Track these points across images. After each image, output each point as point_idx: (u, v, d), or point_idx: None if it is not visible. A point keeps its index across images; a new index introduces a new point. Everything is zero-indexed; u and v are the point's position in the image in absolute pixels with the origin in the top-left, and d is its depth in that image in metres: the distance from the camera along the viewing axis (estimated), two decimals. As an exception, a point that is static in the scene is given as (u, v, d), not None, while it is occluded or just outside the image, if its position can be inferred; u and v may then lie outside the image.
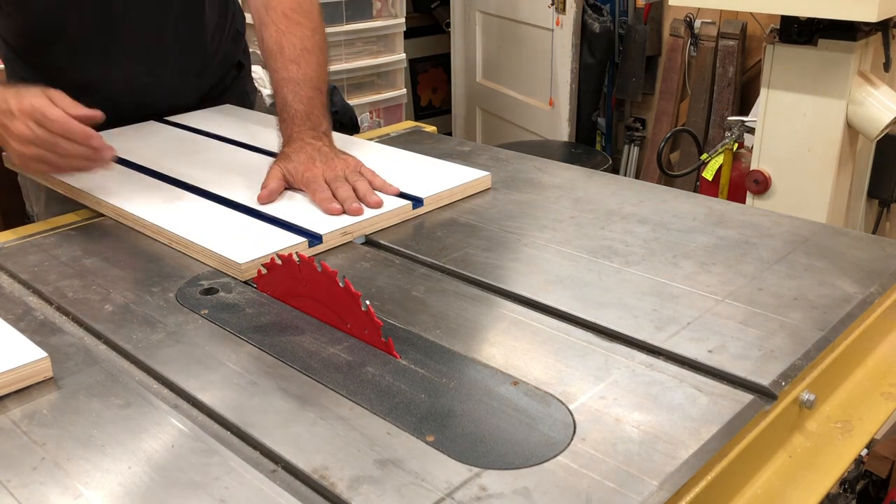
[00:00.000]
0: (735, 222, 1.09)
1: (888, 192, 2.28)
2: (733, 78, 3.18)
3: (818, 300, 0.88)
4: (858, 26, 1.86)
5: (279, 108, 1.25)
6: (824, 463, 0.77)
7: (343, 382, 0.76)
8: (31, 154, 1.05)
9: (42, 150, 1.04)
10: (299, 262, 0.86)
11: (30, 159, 1.06)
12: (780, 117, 2.02)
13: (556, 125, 3.43)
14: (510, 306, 0.90)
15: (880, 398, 0.86)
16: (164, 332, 0.85)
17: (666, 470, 0.63)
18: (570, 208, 1.15)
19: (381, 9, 3.40)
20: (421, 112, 4.38)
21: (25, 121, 1.02)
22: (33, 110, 1.02)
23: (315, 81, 1.25)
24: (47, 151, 1.04)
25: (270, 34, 1.29)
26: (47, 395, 0.75)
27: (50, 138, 1.03)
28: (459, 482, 0.63)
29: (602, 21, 3.31)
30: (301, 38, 1.28)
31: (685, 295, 0.90)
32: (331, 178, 1.13)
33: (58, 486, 0.64)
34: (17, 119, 1.03)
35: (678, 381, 0.75)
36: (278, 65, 1.26)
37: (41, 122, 1.02)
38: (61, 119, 1.02)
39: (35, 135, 1.03)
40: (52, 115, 1.02)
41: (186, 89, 1.54)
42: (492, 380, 0.76)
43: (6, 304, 0.92)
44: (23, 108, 1.02)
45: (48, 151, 1.04)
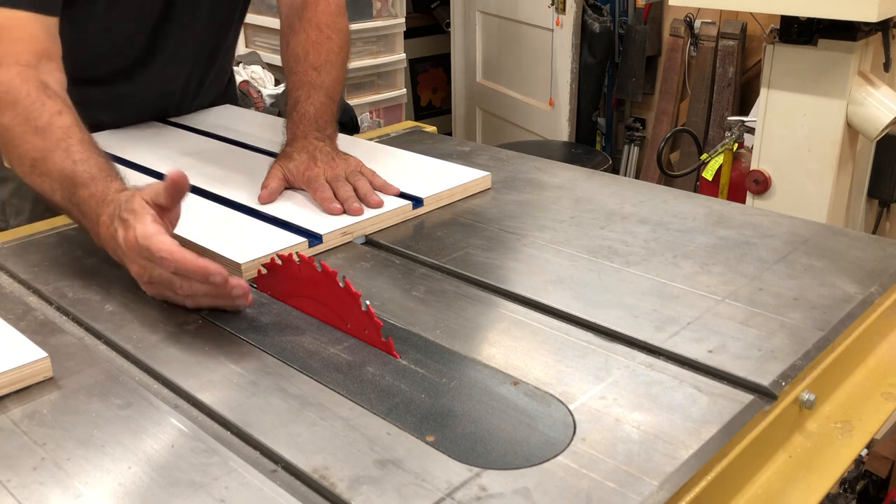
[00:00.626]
0: (735, 222, 1.09)
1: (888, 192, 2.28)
2: (733, 78, 3.18)
3: (818, 300, 0.88)
4: (858, 26, 1.86)
5: (290, 107, 1.25)
6: (824, 463, 0.76)
7: (343, 382, 0.76)
8: (155, 292, 0.90)
9: (164, 290, 0.88)
10: (299, 262, 0.86)
11: (157, 294, 0.90)
12: (780, 117, 2.02)
13: (556, 125, 3.43)
14: (510, 306, 0.90)
15: (880, 398, 0.86)
16: (164, 332, 0.85)
17: (666, 470, 0.63)
18: (570, 208, 1.15)
19: (381, 9, 3.40)
20: (421, 112, 4.38)
21: (136, 259, 0.87)
22: (139, 248, 0.85)
23: (330, 91, 1.26)
24: (168, 290, 0.88)
25: (299, 41, 1.30)
26: (47, 395, 0.75)
27: (166, 278, 0.86)
28: (459, 482, 0.63)
29: (602, 21, 3.31)
30: (328, 52, 1.29)
31: (685, 295, 0.90)
32: (332, 177, 1.13)
33: (58, 486, 0.64)
34: (127, 257, 0.88)
35: (678, 381, 0.75)
36: (299, 68, 1.27)
37: (151, 259, 0.86)
38: (170, 256, 0.84)
39: (151, 275, 0.87)
40: (160, 250, 0.84)
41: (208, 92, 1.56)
42: (492, 380, 0.76)
43: (6, 304, 0.92)
44: (129, 244, 0.86)
45: (168, 290, 0.88)
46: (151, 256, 0.85)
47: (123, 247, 0.87)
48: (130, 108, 1.45)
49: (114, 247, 0.90)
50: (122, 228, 0.87)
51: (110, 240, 0.90)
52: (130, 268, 0.89)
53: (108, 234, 0.90)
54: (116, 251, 0.90)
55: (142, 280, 0.89)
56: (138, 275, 0.88)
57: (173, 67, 1.43)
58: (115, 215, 0.89)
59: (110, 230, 0.90)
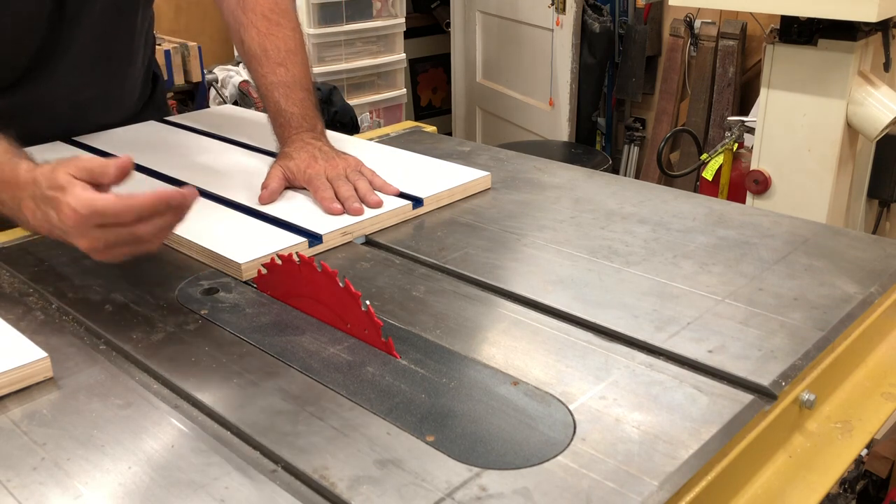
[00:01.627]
0: (735, 222, 1.09)
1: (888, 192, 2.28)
2: (733, 78, 3.18)
3: (818, 300, 0.88)
4: (858, 26, 1.86)
5: (272, 112, 1.24)
6: (824, 463, 0.76)
7: (343, 382, 0.76)
8: (114, 255, 0.85)
9: (124, 248, 0.84)
10: (299, 262, 0.86)
11: (113, 257, 0.86)
12: (780, 117, 2.02)
13: (556, 125, 3.43)
14: (510, 306, 0.90)
15: (880, 398, 0.86)
16: (164, 332, 0.85)
17: (666, 470, 0.63)
18: (570, 208, 1.15)
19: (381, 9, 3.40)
20: (421, 112, 4.38)
21: (84, 232, 0.82)
22: (86, 218, 0.80)
23: (304, 83, 1.25)
24: (129, 245, 0.84)
25: (252, 37, 1.26)
26: (47, 395, 0.75)
27: (125, 234, 0.82)
28: (459, 482, 0.63)
29: (602, 21, 3.32)
30: (284, 39, 1.26)
31: (685, 295, 0.90)
32: (332, 176, 1.13)
33: (58, 486, 0.64)
34: (71, 233, 0.83)
35: (678, 381, 0.75)
36: (265, 69, 1.24)
37: (103, 224, 0.81)
38: (123, 209, 0.80)
39: (107, 240, 0.83)
40: (113, 207, 0.80)
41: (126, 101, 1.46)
42: (492, 380, 0.76)
43: (6, 304, 0.92)
44: (71, 220, 0.81)
45: (130, 245, 0.84)
46: (105, 219, 0.81)
47: (63, 226, 0.82)
48: (38, 119, 1.31)
49: (49, 228, 0.85)
50: (53, 209, 0.82)
51: (43, 223, 0.85)
52: (79, 243, 0.83)
53: (37, 218, 0.86)
54: (53, 232, 0.85)
55: (96, 250, 0.84)
56: (91, 247, 0.83)
57: (79, 75, 1.31)
58: (38, 197, 0.85)
59: (38, 214, 0.85)
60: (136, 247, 0.85)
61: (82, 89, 1.34)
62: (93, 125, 1.41)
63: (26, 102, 1.29)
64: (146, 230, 0.83)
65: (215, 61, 3.31)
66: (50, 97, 1.31)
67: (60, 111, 1.35)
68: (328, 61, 3.27)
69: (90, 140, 1.38)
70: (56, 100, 1.33)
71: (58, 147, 1.34)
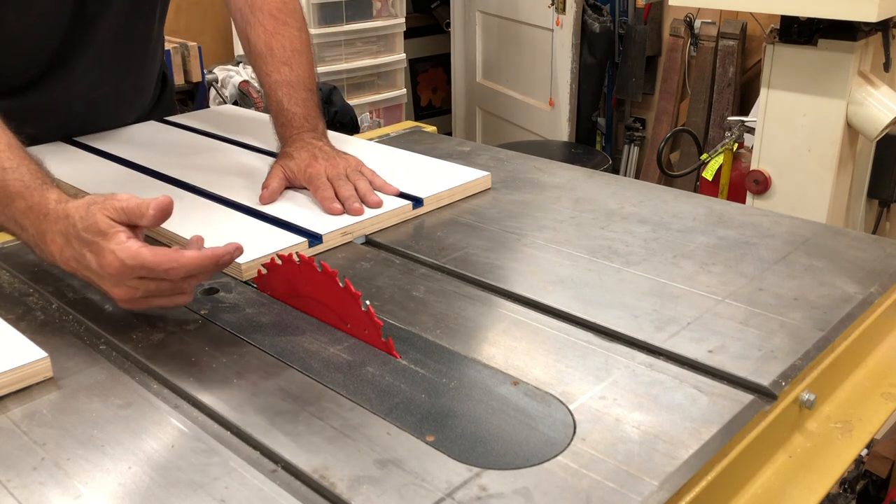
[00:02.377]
0: (735, 222, 1.09)
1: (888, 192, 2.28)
2: (733, 78, 3.19)
3: (818, 300, 0.88)
4: (858, 26, 1.87)
5: (274, 111, 1.24)
6: (824, 463, 0.76)
7: (343, 382, 0.76)
8: (145, 306, 0.84)
9: (160, 300, 0.83)
10: (299, 262, 0.86)
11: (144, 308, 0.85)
12: (780, 117, 2.02)
13: (556, 125, 3.43)
14: (510, 306, 0.90)
15: (880, 398, 0.86)
16: (164, 332, 0.85)
17: (666, 470, 0.63)
18: (570, 208, 1.15)
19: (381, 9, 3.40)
20: (421, 112, 4.39)
21: (123, 281, 0.80)
22: (129, 269, 0.78)
23: (308, 83, 1.25)
24: (166, 297, 0.83)
25: (258, 35, 1.27)
26: (47, 395, 0.75)
27: (166, 288, 0.81)
28: (459, 482, 0.63)
29: (602, 21, 3.32)
30: (290, 39, 1.26)
31: (685, 295, 0.90)
32: (333, 175, 1.13)
33: (58, 486, 0.64)
34: (108, 280, 0.81)
35: (678, 381, 0.75)
36: (269, 67, 1.25)
37: (150, 276, 0.80)
38: (173, 266, 0.78)
39: (147, 290, 0.81)
40: (160, 265, 0.78)
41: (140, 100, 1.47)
42: (492, 380, 0.76)
43: (6, 304, 0.92)
44: (112, 268, 0.79)
45: (166, 297, 0.83)
46: (152, 273, 0.79)
47: (102, 272, 0.80)
48: (53, 118, 1.33)
49: (77, 268, 0.83)
50: (92, 252, 0.80)
51: (72, 262, 0.83)
52: (113, 291, 0.81)
53: (66, 256, 0.84)
54: (81, 272, 0.83)
55: (130, 301, 0.82)
56: (126, 297, 0.81)
57: (96, 74, 1.32)
58: (70, 235, 0.82)
59: (68, 252, 0.83)
60: (171, 300, 0.83)
61: (98, 88, 1.36)
62: (106, 124, 1.42)
63: (43, 101, 1.30)
64: (189, 285, 0.82)
65: (215, 61, 3.31)
66: (66, 96, 1.32)
67: (76, 110, 1.36)
68: (328, 61, 3.27)
69: (90, 140, 1.38)
70: (72, 99, 1.34)
71: (58, 147, 1.34)
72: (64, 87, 1.30)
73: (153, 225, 0.82)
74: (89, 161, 1.29)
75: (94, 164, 1.28)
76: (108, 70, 1.34)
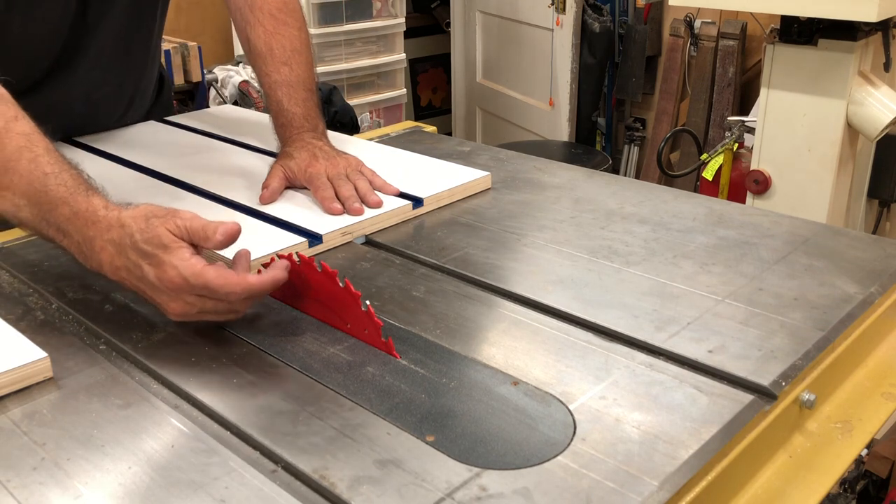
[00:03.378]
0: (735, 222, 1.09)
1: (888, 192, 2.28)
2: (733, 78, 3.19)
3: (818, 300, 0.88)
4: (858, 26, 1.87)
5: (274, 111, 1.24)
6: (824, 463, 0.76)
7: (343, 382, 0.76)
8: (198, 318, 0.83)
9: (214, 317, 0.83)
10: (299, 262, 0.86)
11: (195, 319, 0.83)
12: (780, 117, 2.02)
13: (556, 125, 3.43)
14: (510, 306, 0.90)
15: (880, 398, 0.86)
16: (164, 332, 0.85)
17: (666, 470, 0.63)
18: (570, 208, 1.15)
19: (381, 9, 3.40)
20: (421, 112, 4.39)
21: (182, 297, 0.79)
22: (190, 286, 0.78)
23: (307, 83, 1.25)
24: (221, 315, 0.83)
25: (258, 35, 1.27)
26: (47, 395, 0.75)
27: (223, 308, 0.81)
28: (459, 482, 0.62)
29: (602, 21, 3.32)
30: (290, 39, 1.26)
31: (685, 295, 0.90)
32: (333, 175, 1.13)
33: (58, 486, 0.64)
34: (165, 294, 0.80)
35: (678, 381, 0.75)
36: (269, 67, 1.24)
37: (212, 296, 0.79)
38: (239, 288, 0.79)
39: (203, 308, 0.80)
40: (223, 288, 0.78)
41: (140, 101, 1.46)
42: (492, 380, 0.76)
43: (6, 304, 0.92)
44: (171, 283, 0.78)
45: (221, 315, 0.83)
46: (212, 293, 0.78)
47: (161, 285, 0.79)
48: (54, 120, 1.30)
49: (130, 279, 0.82)
50: (151, 265, 0.79)
51: (125, 272, 0.82)
52: (169, 305, 0.80)
53: (117, 266, 0.82)
54: (134, 283, 0.82)
55: (185, 315, 0.81)
56: (182, 312, 0.80)
57: (97, 75, 1.32)
58: (126, 246, 0.80)
59: (120, 262, 0.81)
60: (224, 316, 0.83)
61: (100, 89, 1.36)
62: (106, 125, 1.42)
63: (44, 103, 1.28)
64: (245, 305, 0.83)
65: (215, 61, 3.31)
66: (67, 97, 1.32)
67: (76, 111, 1.36)
68: (328, 61, 3.27)
69: (91, 140, 1.38)
70: (73, 100, 1.34)
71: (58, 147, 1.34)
72: (65, 89, 1.30)
73: (218, 248, 0.82)
74: (90, 161, 1.29)
75: (95, 165, 1.28)
76: (110, 71, 1.34)
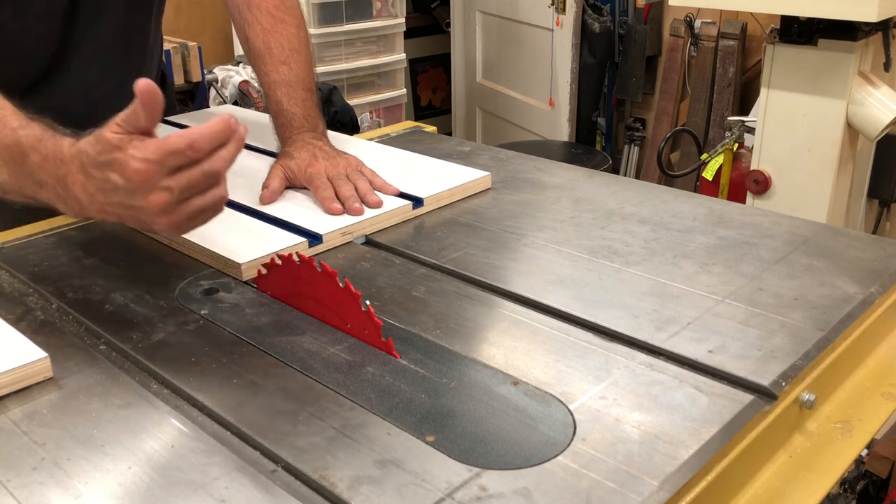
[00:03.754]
0: (735, 222, 1.09)
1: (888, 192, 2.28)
2: (733, 78, 3.19)
3: (818, 300, 0.88)
4: (858, 26, 1.87)
5: (274, 111, 1.24)
6: (824, 463, 0.76)
7: (343, 382, 0.76)
8: (187, 213, 0.79)
9: (197, 200, 0.78)
10: (299, 262, 0.86)
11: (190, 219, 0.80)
12: (780, 117, 2.02)
13: (556, 125, 3.43)
14: (510, 306, 0.90)
15: (880, 398, 0.86)
16: (164, 332, 0.85)
17: (666, 470, 0.63)
18: (570, 208, 1.15)
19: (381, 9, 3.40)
20: (421, 112, 4.39)
21: (156, 182, 0.75)
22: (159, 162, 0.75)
23: (306, 82, 1.25)
24: (202, 194, 0.78)
25: (256, 34, 1.26)
26: (47, 395, 0.75)
27: (198, 176, 0.77)
28: (459, 482, 0.62)
29: (602, 21, 3.32)
30: (288, 37, 1.26)
31: (685, 295, 0.90)
32: (333, 175, 1.13)
33: (58, 486, 0.64)
34: (139, 192, 0.76)
35: (678, 381, 0.75)
36: (268, 67, 1.24)
37: (182, 160, 0.75)
38: (197, 138, 0.75)
39: (181, 186, 0.76)
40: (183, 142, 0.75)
41: None
42: (492, 380, 0.76)
43: (6, 304, 0.92)
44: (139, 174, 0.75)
45: (203, 194, 0.79)
46: (180, 158, 0.75)
47: (130, 184, 0.76)
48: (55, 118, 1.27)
49: (104, 200, 0.79)
50: (114, 171, 0.76)
51: (98, 194, 0.79)
52: (148, 202, 0.76)
53: (89, 191, 0.79)
54: (113, 202, 0.78)
55: (168, 207, 0.77)
56: (164, 202, 0.76)
57: (94, 72, 1.29)
58: (88, 166, 0.79)
59: (91, 185, 0.79)
60: (211, 196, 0.79)
61: (98, 88, 1.34)
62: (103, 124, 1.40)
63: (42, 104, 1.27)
64: (219, 165, 0.77)
65: (215, 61, 3.31)
66: (65, 96, 1.31)
67: (74, 110, 1.34)
68: (328, 61, 3.27)
69: None
70: (71, 99, 1.32)
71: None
72: (63, 89, 1.29)
73: (150, 117, 0.77)
74: None
75: None
76: (108, 69, 1.34)
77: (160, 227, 0.79)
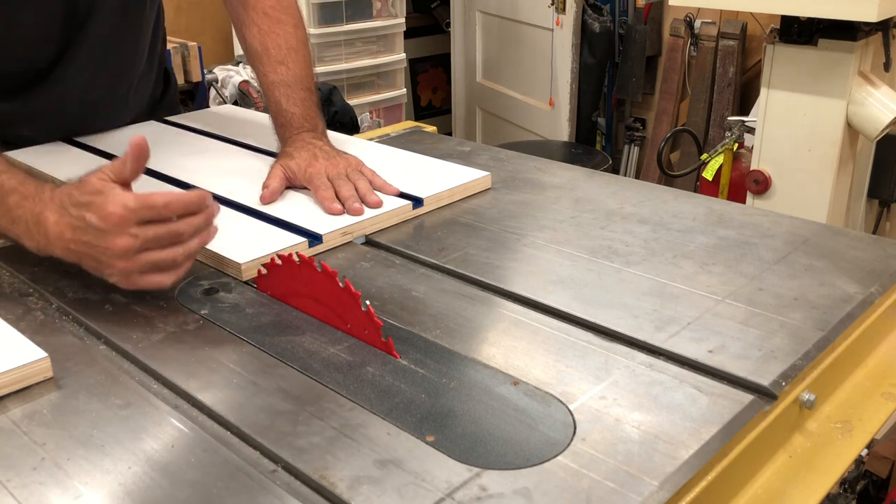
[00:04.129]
0: (735, 222, 1.09)
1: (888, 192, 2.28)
2: (733, 78, 3.18)
3: (818, 300, 0.88)
4: (858, 26, 1.87)
5: (273, 112, 1.24)
6: (824, 463, 0.76)
7: (343, 382, 0.76)
8: (143, 263, 0.84)
9: (157, 253, 0.84)
10: (299, 262, 0.86)
11: (142, 272, 0.85)
12: (780, 117, 2.02)
13: (556, 125, 3.43)
14: (510, 306, 0.90)
15: (880, 398, 0.86)
16: (164, 332, 0.85)
17: (666, 470, 0.63)
18: (570, 208, 1.15)
19: (381, 9, 3.40)
20: (421, 112, 4.39)
21: (125, 230, 0.81)
22: (131, 213, 0.81)
23: (305, 82, 1.24)
24: (163, 250, 0.84)
25: (253, 34, 1.26)
26: (47, 395, 0.75)
27: (164, 233, 0.83)
28: (459, 482, 0.62)
29: (602, 21, 3.32)
30: (285, 37, 1.26)
31: (685, 295, 0.90)
32: (333, 175, 1.13)
33: (58, 486, 0.64)
34: (110, 234, 0.82)
35: (678, 381, 0.75)
36: (266, 68, 1.24)
37: (151, 217, 0.82)
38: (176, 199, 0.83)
39: (146, 237, 0.83)
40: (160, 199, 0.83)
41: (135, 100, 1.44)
42: (492, 380, 0.76)
43: (6, 304, 0.92)
44: (112, 219, 0.81)
45: (165, 249, 0.84)
46: (153, 212, 0.82)
47: (103, 224, 0.82)
48: (48, 121, 1.32)
49: (72, 238, 0.85)
50: (91, 211, 0.82)
51: (67, 231, 0.85)
52: (114, 243, 0.82)
53: (61, 227, 0.85)
54: (79, 240, 0.84)
55: (129, 252, 0.82)
56: (126, 248, 0.82)
57: (88, 75, 1.30)
58: (67, 204, 0.85)
59: (64, 221, 0.85)
60: (165, 253, 0.85)
61: (92, 90, 1.34)
62: (103, 125, 1.41)
63: (38, 105, 1.29)
64: (184, 228, 0.85)
65: (215, 61, 3.31)
66: (60, 99, 1.31)
67: (70, 112, 1.35)
68: (328, 61, 3.27)
69: (91, 140, 1.38)
70: (66, 101, 1.32)
71: (58, 147, 1.34)
72: (59, 90, 1.30)
73: (136, 169, 0.86)
74: (89, 161, 1.29)
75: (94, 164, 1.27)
76: (104, 70, 1.34)
77: (115, 270, 0.85)
